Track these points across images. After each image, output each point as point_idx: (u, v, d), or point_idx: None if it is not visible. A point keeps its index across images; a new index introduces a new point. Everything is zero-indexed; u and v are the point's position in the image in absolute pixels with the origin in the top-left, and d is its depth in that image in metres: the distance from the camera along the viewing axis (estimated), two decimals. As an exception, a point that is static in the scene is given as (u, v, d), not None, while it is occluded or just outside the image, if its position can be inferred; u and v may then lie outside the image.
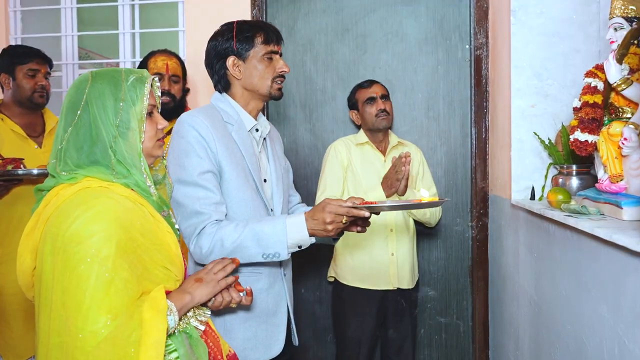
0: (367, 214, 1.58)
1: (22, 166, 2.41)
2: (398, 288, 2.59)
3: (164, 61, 2.54)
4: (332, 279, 2.73)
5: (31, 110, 2.64)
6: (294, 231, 1.61)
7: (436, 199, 1.73)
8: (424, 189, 2.25)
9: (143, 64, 2.54)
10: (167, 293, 1.29)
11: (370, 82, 2.68)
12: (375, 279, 2.57)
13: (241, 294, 1.48)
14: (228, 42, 1.78)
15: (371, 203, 1.63)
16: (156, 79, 1.41)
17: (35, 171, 2.36)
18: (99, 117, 1.28)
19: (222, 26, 1.84)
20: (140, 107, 1.32)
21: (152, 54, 2.60)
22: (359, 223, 1.70)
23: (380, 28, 2.97)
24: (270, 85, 1.80)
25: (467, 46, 2.90)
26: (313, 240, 1.65)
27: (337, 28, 3.00)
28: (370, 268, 2.57)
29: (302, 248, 1.65)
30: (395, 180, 2.39)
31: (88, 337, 1.12)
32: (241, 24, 1.81)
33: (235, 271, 1.57)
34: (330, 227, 1.58)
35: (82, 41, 3.55)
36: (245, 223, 1.65)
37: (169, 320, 1.24)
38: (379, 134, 2.66)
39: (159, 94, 1.42)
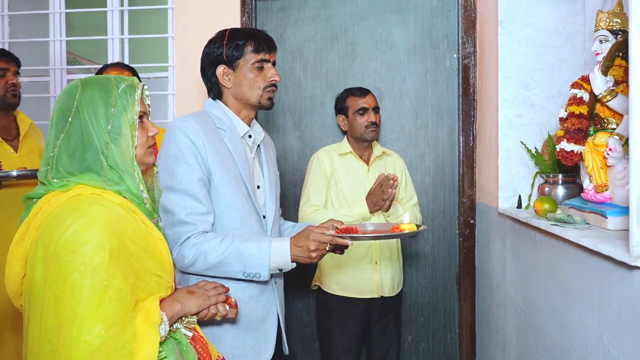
0: (350, 242, 1.62)
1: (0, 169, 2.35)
2: (382, 296, 2.59)
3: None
4: (315, 287, 2.73)
5: (4, 112, 2.58)
6: (277, 255, 1.64)
7: (414, 227, 1.77)
8: (407, 213, 2.24)
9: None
10: (160, 301, 1.29)
11: (364, 92, 2.65)
12: (358, 287, 2.56)
13: (227, 307, 1.49)
14: (219, 50, 1.77)
15: (352, 228, 1.71)
16: (146, 86, 1.41)
17: (14, 173, 2.31)
18: (90, 124, 1.28)
19: (217, 33, 1.83)
20: (132, 113, 1.32)
21: (105, 68, 2.61)
22: (338, 247, 1.73)
23: (370, 36, 2.99)
24: (260, 95, 1.79)
25: (455, 55, 2.93)
26: (294, 265, 1.68)
27: (326, 36, 3.02)
28: (354, 277, 2.57)
29: (283, 271, 1.70)
30: (380, 200, 2.39)
31: (82, 347, 1.11)
32: (233, 32, 1.79)
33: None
34: (314, 255, 1.63)
35: (70, 46, 3.53)
36: (231, 239, 1.66)
37: (160, 330, 1.24)
38: (364, 143, 2.66)
39: (149, 102, 1.42)
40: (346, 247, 1.70)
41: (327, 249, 1.65)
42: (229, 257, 1.64)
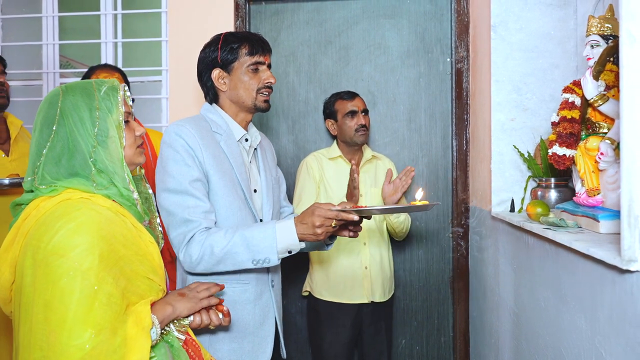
0: (355, 217, 1.58)
1: None
2: (372, 301, 2.59)
3: (105, 77, 2.47)
4: (306, 293, 2.72)
5: None
6: (283, 236, 1.60)
7: (425, 202, 1.69)
8: (420, 189, 2.16)
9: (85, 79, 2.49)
10: (152, 305, 1.29)
11: (352, 95, 2.65)
12: (349, 292, 2.56)
13: (220, 315, 1.48)
14: (214, 54, 1.78)
15: (361, 207, 1.63)
16: (126, 87, 1.40)
17: (6, 181, 2.27)
18: (75, 129, 1.28)
19: (212, 37, 1.84)
20: (117, 114, 1.32)
21: (93, 70, 2.56)
22: (350, 228, 1.71)
23: (363, 40, 3.00)
24: (255, 97, 1.79)
25: (449, 59, 2.94)
26: (303, 245, 1.64)
27: (320, 40, 3.02)
28: (344, 282, 2.56)
29: (292, 253, 1.65)
30: (353, 189, 2.33)
31: (72, 352, 1.11)
32: (228, 35, 1.80)
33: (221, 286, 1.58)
34: (319, 231, 1.59)
35: (63, 49, 3.52)
36: (234, 229, 1.63)
37: (152, 333, 1.23)
38: (354, 147, 2.65)
39: (131, 102, 1.42)
40: (358, 226, 1.68)
41: (334, 225, 1.60)
42: (235, 246, 1.60)
